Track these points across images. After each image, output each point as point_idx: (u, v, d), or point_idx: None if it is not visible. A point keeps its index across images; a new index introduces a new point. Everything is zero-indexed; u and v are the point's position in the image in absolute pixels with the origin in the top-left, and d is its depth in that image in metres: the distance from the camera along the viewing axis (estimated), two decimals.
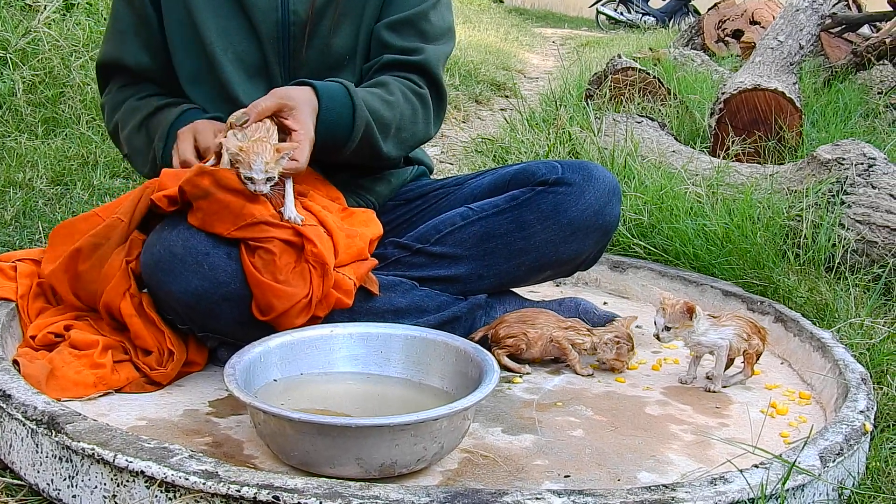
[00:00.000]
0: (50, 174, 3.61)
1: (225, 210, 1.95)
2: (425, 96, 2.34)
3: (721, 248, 2.93)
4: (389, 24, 2.33)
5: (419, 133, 2.35)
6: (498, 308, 2.36)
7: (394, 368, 1.99)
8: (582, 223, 2.29)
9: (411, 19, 2.34)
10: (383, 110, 2.22)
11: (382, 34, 2.33)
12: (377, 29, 2.34)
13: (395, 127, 2.26)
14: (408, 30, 2.34)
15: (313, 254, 1.98)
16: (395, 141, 2.29)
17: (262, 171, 1.93)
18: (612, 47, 10.79)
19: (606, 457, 1.82)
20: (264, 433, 1.69)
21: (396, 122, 2.26)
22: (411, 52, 2.33)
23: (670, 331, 2.15)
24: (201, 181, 1.94)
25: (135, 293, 2.03)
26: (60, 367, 1.93)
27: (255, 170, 1.93)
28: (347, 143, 2.18)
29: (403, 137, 2.31)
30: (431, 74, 2.36)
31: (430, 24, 2.37)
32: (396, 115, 2.26)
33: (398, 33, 2.33)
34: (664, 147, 4.14)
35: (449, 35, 2.44)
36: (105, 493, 1.55)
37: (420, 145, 2.45)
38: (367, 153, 2.25)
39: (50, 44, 4.59)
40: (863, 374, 2.09)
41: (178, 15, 2.27)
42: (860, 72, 6.34)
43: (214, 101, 2.27)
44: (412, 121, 2.31)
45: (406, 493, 1.44)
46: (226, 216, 1.95)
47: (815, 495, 1.65)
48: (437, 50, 2.38)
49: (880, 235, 2.93)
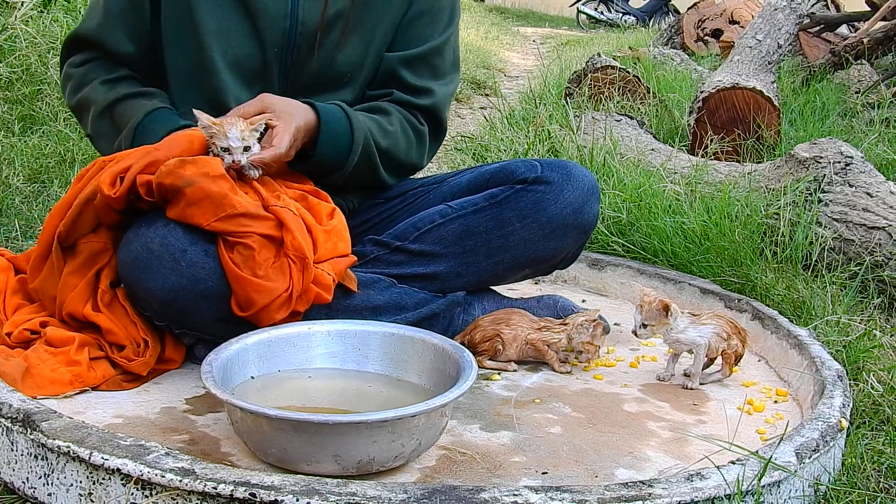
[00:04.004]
0: (27, 172, 3.58)
1: (206, 199, 1.93)
2: (423, 133, 2.36)
3: (699, 246, 2.94)
4: (404, 59, 2.33)
5: (410, 162, 2.37)
6: (476, 306, 2.36)
7: (372, 365, 1.99)
8: (561, 222, 2.29)
9: (426, 56, 2.34)
10: (379, 136, 2.24)
11: (396, 68, 2.32)
12: (390, 60, 2.33)
13: (390, 154, 2.29)
14: (421, 66, 2.34)
15: (293, 246, 1.97)
16: (387, 167, 2.31)
17: (238, 138, 1.95)
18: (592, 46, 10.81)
19: (584, 453, 1.83)
20: (241, 430, 1.69)
21: (392, 149, 2.29)
22: (421, 94, 2.34)
23: (647, 328, 2.16)
24: (184, 170, 1.93)
25: (106, 289, 2.03)
26: (36, 364, 1.92)
27: (231, 137, 1.95)
28: (347, 161, 2.19)
29: (393, 165, 2.33)
30: (437, 117, 2.38)
31: (442, 60, 2.38)
32: (391, 143, 2.28)
33: (412, 69, 2.33)
34: (643, 145, 4.15)
35: (456, 70, 2.45)
36: (81, 491, 1.54)
37: (411, 174, 2.47)
38: (365, 175, 2.28)
39: (27, 41, 4.55)
40: (839, 371, 2.11)
41: (176, 10, 2.21)
42: (838, 71, 6.37)
43: (203, 104, 2.23)
44: (406, 152, 2.33)
45: (383, 490, 1.44)
46: (207, 206, 1.93)
47: (791, 491, 1.66)
48: (445, 92, 2.40)
49: (857, 233, 2.94)
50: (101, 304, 2.02)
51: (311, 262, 1.99)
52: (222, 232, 1.94)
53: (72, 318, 2.03)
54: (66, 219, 2.03)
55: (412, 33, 2.34)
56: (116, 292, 2.04)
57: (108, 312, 2.02)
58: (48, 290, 2.07)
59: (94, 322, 2.01)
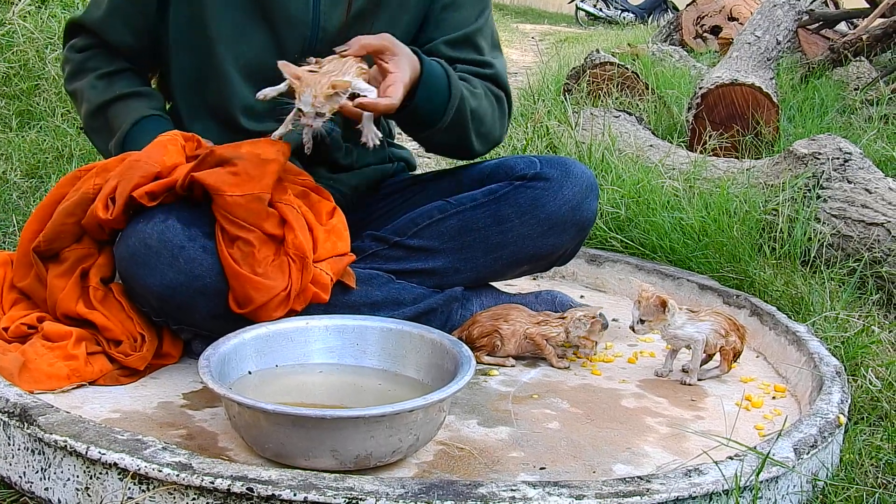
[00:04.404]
0: (24, 167, 3.58)
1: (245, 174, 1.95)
2: (502, 99, 2.34)
3: (697, 242, 2.94)
4: (449, 41, 2.31)
5: (495, 132, 2.34)
6: (474, 301, 2.36)
7: (369, 360, 1.99)
8: (559, 218, 2.29)
9: (469, 37, 2.32)
10: (470, 96, 2.21)
11: (442, 49, 2.29)
12: (436, 46, 2.30)
13: (479, 117, 2.25)
14: (466, 48, 2.32)
15: (294, 245, 1.97)
16: (477, 132, 2.27)
17: (308, 103, 1.90)
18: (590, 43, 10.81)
19: (582, 449, 1.82)
20: (239, 425, 1.68)
21: (480, 112, 2.25)
22: (484, 65, 2.32)
23: (645, 324, 2.16)
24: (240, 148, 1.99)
25: (97, 286, 2.02)
26: (33, 359, 1.91)
27: (303, 101, 1.91)
28: (442, 118, 2.16)
29: (484, 132, 2.30)
30: (503, 84, 2.36)
31: (485, 39, 2.36)
32: (481, 105, 2.24)
33: (459, 50, 2.31)
34: (641, 141, 4.15)
35: (499, 50, 2.43)
36: (78, 486, 1.54)
37: (493, 147, 2.41)
38: (456, 136, 2.24)
39: (25, 36, 4.55)
40: (837, 367, 2.10)
41: (187, 11, 2.18)
42: (837, 68, 6.37)
43: (208, 106, 2.23)
44: (492, 117, 2.30)
45: (381, 485, 1.44)
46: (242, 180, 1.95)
47: (789, 487, 1.66)
48: (501, 61, 2.38)
49: (855, 230, 2.94)
50: (95, 301, 2.02)
51: (311, 262, 1.99)
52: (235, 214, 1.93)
53: (66, 317, 2.02)
54: (46, 232, 2.03)
55: (447, 22, 2.32)
56: (111, 288, 2.04)
57: (103, 308, 2.01)
58: (37, 294, 2.07)
59: (89, 319, 2.00)
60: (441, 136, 2.21)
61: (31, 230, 2.05)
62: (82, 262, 2.04)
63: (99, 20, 2.25)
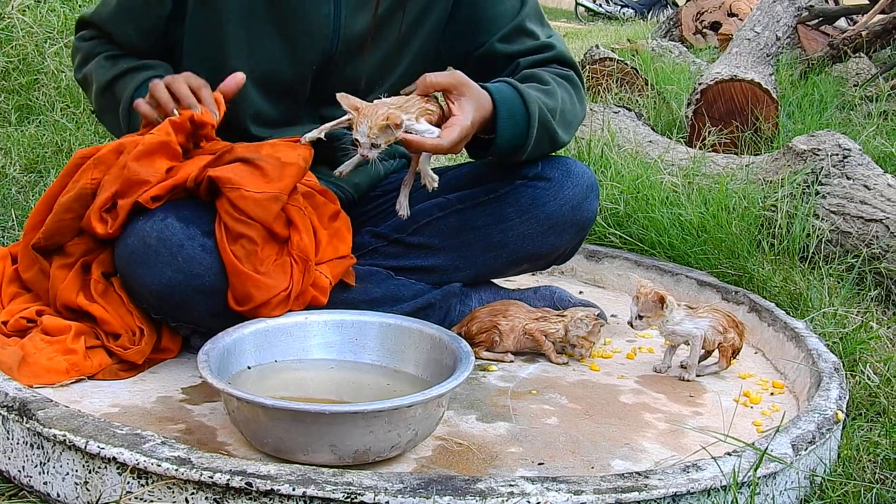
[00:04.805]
0: (23, 161, 3.58)
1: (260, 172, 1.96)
2: (572, 77, 2.32)
3: (696, 238, 2.94)
4: (503, 37, 2.29)
5: (578, 114, 2.33)
6: (473, 296, 2.36)
7: (368, 356, 1.99)
8: (560, 218, 2.29)
9: (520, 27, 2.31)
10: (546, 98, 2.18)
11: (498, 48, 2.29)
12: (490, 46, 2.29)
13: (560, 111, 2.22)
14: (521, 37, 2.31)
15: (299, 246, 1.97)
16: (563, 126, 2.25)
17: (364, 134, 1.90)
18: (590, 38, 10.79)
19: (580, 444, 1.83)
20: (238, 420, 1.69)
21: (560, 106, 2.22)
22: (542, 50, 2.31)
23: (643, 319, 2.16)
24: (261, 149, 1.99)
25: (98, 279, 2.02)
26: (32, 353, 1.92)
27: (359, 132, 1.91)
28: (527, 141, 2.13)
29: (568, 121, 2.27)
30: (568, 60, 2.34)
31: (535, 22, 2.34)
32: (557, 100, 2.22)
33: (515, 42, 2.30)
34: (641, 137, 4.15)
35: (549, 24, 2.41)
36: (77, 480, 1.54)
37: (579, 127, 2.40)
38: (546, 145, 2.22)
39: (24, 30, 4.54)
40: (835, 364, 2.11)
41: (205, 18, 2.15)
42: (836, 64, 6.37)
43: None
44: (571, 102, 2.28)
45: (380, 480, 1.44)
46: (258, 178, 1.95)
47: (787, 483, 1.66)
48: (558, 38, 2.36)
49: (854, 226, 2.94)
50: (95, 294, 2.02)
51: (314, 265, 1.99)
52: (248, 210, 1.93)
53: (66, 309, 2.02)
54: (45, 228, 2.03)
55: (495, 19, 2.30)
56: (112, 281, 2.04)
57: (103, 301, 2.02)
58: (40, 286, 2.07)
59: (89, 311, 2.00)
60: (531, 152, 2.20)
61: (33, 224, 2.05)
62: (85, 255, 2.04)
63: (106, 18, 2.22)
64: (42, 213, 2.05)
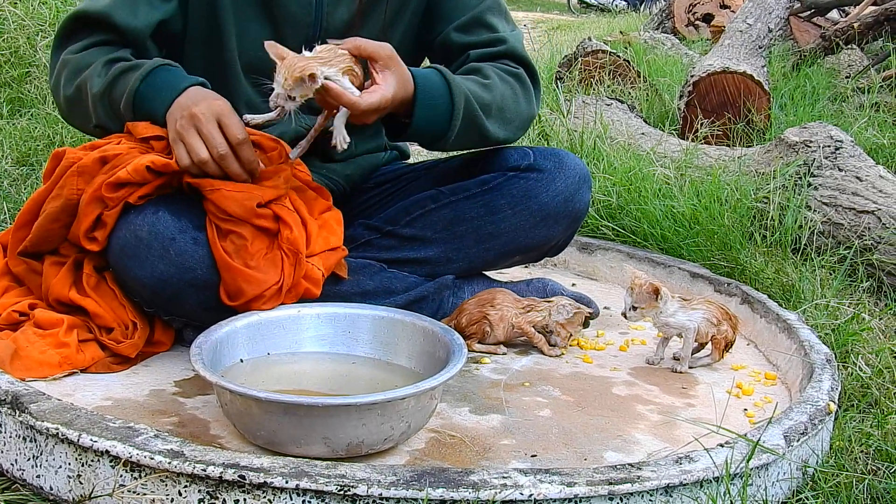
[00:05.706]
0: (15, 154, 3.56)
1: None
2: (521, 75, 2.30)
3: (689, 230, 2.94)
4: (459, 27, 2.29)
5: (523, 111, 2.31)
6: (466, 289, 2.36)
7: (361, 348, 1.99)
8: (552, 209, 2.29)
9: (478, 18, 2.30)
10: (481, 91, 2.17)
11: (453, 37, 2.29)
12: (446, 35, 2.30)
13: (497, 107, 2.21)
14: (478, 29, 2.30)
15: (288, 240, 1.97)
16: (500, 122, 2.24)
17: (279, 84, 1.89)
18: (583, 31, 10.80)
19: (573, 436, 1.83)
20: (231, 413, 1.69)
21: (497, 102, 2.21)
22: (494, 44, 2.30)
23: (637, 310, 2.16)
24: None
25: (91, 273, 2.02)
26: (25, 346, 1.91)
27: (275, 82, 1.90)
28: (449, 130, 2.12)
29: (508, 118, 2.26)
30: (520, 57, 2.33)
31: (496, 16, 2.34)
32: (496, 95, 2.21)
33: (470, 33, 2.30)
34: (633, 129, 4.15)
35: (513, 23, 2.40)
36: (70, 473, 1.54)
37: (528, 125, 2.38)
38: (474, 136, 2.21)
39: (15, 23, 4.52)
40: (827, 355, 2.11)
41: (201, 3, 2.16)
42: (828, 56, 6.37)
43: None
44: (514, 100, 2.27)
45: (373, 473, 1.44)
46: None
47: (779, 474, 1.67)
48: (515, 34, 2.35)
49: (846, 217, 2.95)
50: (88, 288, 2.01)
51: (304, 258, 1.99)
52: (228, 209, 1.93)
53: (59, 303, 2.02)
54: (32, 237, 2.03)
55: (454, 8, 2.30)
56: (104, 275, 2.03)
57: (96, 295, 2.01)
58: (32, 281, 2.07)
59: (81, 305, 2.00)
60: (456, 142, 2.19)
61: (21, 223, 2.04)
62: (78, 254, 2.04)
63: (105, 4, 2.12)
64: (30, 213, 2.04)
